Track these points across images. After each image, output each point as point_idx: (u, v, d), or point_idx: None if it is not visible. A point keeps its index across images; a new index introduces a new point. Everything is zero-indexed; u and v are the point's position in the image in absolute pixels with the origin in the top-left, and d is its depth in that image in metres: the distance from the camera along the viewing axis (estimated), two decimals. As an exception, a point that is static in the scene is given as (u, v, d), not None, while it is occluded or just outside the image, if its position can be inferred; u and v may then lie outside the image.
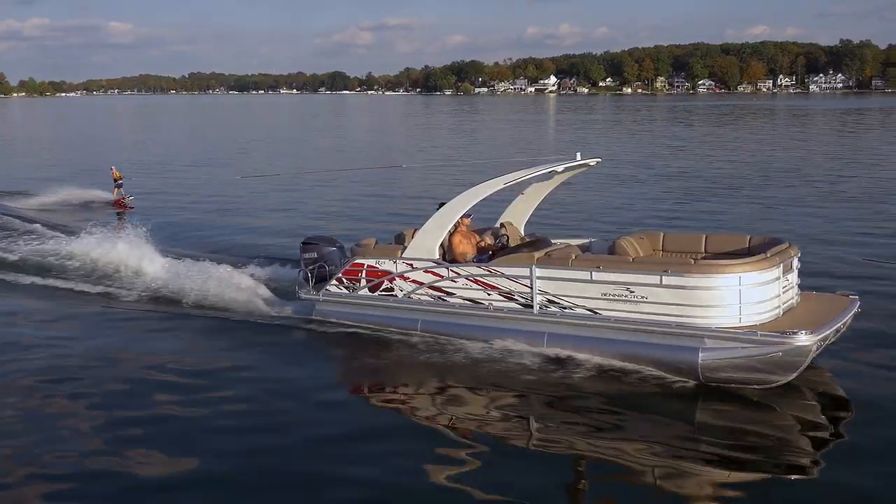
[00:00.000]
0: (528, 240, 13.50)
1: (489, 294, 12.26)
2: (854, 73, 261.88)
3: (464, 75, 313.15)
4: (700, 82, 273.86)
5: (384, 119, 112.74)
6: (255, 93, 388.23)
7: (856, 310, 11.44)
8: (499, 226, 14.03)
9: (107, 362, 12.40)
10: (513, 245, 13.17)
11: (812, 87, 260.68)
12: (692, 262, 11.21)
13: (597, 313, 11.45)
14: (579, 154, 13.47)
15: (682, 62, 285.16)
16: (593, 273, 11.44)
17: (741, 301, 10.69)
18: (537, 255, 12.00)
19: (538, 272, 11.82)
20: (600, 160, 14.01)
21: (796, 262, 11.48)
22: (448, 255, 12.94)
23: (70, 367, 12.20)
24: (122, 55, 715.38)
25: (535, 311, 11.90)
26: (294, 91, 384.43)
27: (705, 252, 12.29)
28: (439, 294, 12.66)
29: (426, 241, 12.80)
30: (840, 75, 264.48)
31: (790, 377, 10.55)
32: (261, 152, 55.49)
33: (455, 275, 12.49)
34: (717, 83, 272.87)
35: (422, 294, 12.79)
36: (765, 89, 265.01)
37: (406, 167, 36.31)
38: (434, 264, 12.68)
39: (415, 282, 12.83)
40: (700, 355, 10.74)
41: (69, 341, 13.45)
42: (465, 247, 12.94)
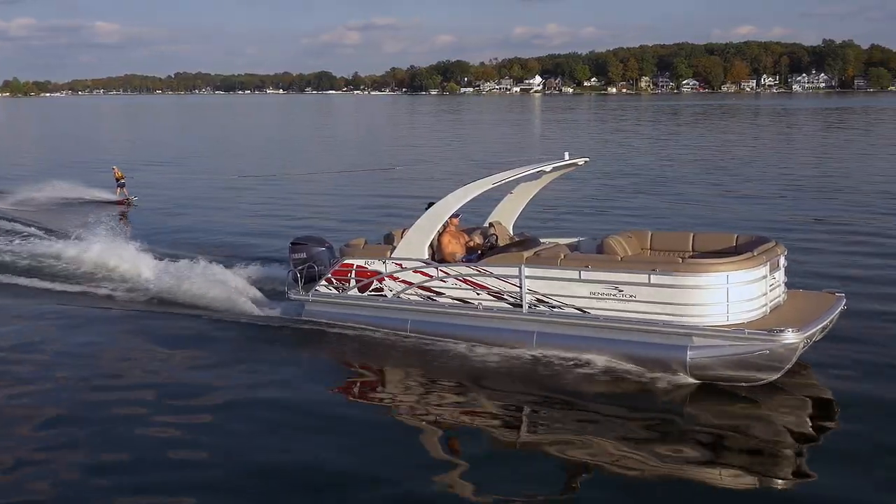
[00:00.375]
0: (517, 239, 13.54)
1: (479, 294, 12.30)
2: (836, 72, 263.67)
3: (449, 75, 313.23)
4: (684, 82, 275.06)
5: (363, 120, 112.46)
6: (241, 93, 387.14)
7: (842, 307, 11.56)
8: (487, 225, 14.08)
9: (93, 362, 12.39)
10: (502, 244, 13.21)
11: (795, 87, 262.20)
12: (680, 260, 11.30)
13: (586, 312, 11.51)
14: (567, 154, 13.54)
15: (666, 62, 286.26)
16: (582, 272, 11.50)
17: (729, 299, 10.77)
18: (526, 255, 12.05)
19: (527, 272, 11.87)
20: (588, 159, 14.08)
21: (783, 261, 11.58)
22: (437, 255, 12.96)
23: (55, 366, 12.19)
24: (107, 55, 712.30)
25: (525, 311, 11.94)
26: (280, 91, 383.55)
27: (693, 250, 12.37)
28: (429, 294, 12.69)
29: (415, 241, 12.82)
30: (823, 75, 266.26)
31: (777, 375, 10.65)
32: (252, 152, 55.29)
33: (444, 275, 12.52)
34: (701, 83, 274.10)
35: (411, 294, 12.82)
36: (748, 89, 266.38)
37: (399, 169, 36.48)
38: (423, 264, 12.71)
39: (404, 282, 12.85)
40: (688, 353, 10.82)
41: (56, 341, 13.45)
42: (454, 247, 12.98)
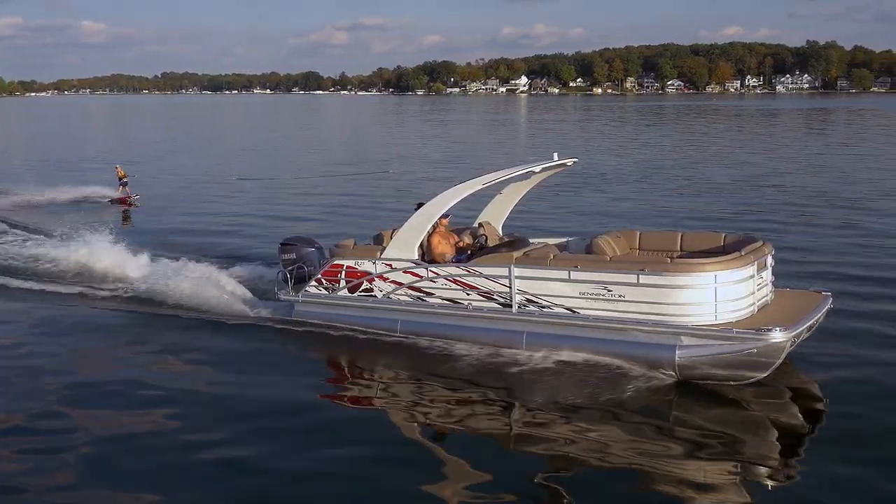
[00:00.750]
0: (507, 239, 13.59)
1: (468, 294, 12.33)
2: (820, 73, 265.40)
3: (436, 75, 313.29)
4: (669, 83, 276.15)
5: (348, 121, 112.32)
6: (228, 93, 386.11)
7: (829, 306, 11.66)
8: (477, 226, 14.12)
9: (79, 363, 12.38)
10: (491, 245, 13.25)
11: (779, 88, 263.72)
12: (668, 260, 11.37)
13: (575, 312, 11.57)
14: (556, 154, 13.61)
15: (651, 63, 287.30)
16: (571, 272, 11.55)
17: (717, 299, 10.85)
18: (516, 255, 12.09)
19: (517, 272, 11.91)
20: (577, 160, 14.15)
21: (770, 260, 11.67)
22: (427, 256, 12.99)
23: (40, 366, 12.17)
24: (94, 55, 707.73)
25: (514, 311, 11.99)
26: (268, 91, 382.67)
27: (681, 250, 12.45)
28: (419, 294, 12.72)
29: (405, 242, 12.84)
30: (806, 76, 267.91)
31: (765, 373, 10.73)
32: (243, 154, 55.08)
33: (434, 275, 12.55)
34: (686, 84, 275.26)
35: (401, 294, 12.84)
36: (733, 90, 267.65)
37: (393, 172, 36.66)
38: (413, 265, 12.73)
39: (394, 282, 12.87)
40: (677, 353, 10.90)
41: (41, 342, 13.44)
42: (443, 247, 13.01)
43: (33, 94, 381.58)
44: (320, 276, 13.49)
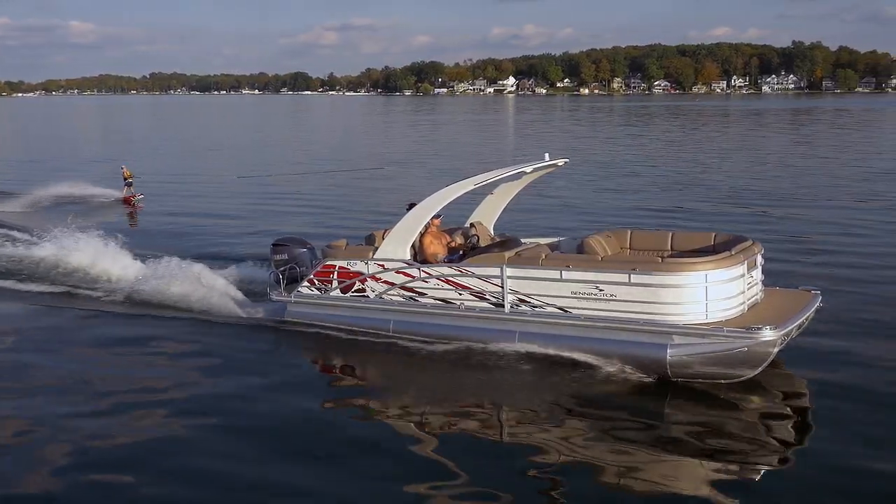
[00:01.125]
0: (499, 239, 13.64)
1: (461, 294, 12.37)
2: (805, 74, 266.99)
3: (424, 76, 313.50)
4: (656, 83, 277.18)
5: (327, 122, 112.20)
6: (216, 93, 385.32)
7: (818, 304, 11.77)
8: (468, 226, 14.17)
9: (68, 364, 12.31)
10: (483, 245, 13.31)
11: (764, 88, 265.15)
12: (660, 260, 11.43)
13: (567, 312, 11.63)
14: (547, 155, 13.67)
15: (638, 63, 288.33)
16: (563, 272, 11.61)
17: (707, 298, 10.92)
18: (508, 255, 12.14)
19: (509, 272, 11.96)
20: (568, 160, 14.22)
21: (760, 259, 11.76)
22: (419, 256, 13.03)
23: (29, 368, 12.14)
24: (82, 55, 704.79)
25: (507, 311, 12.04)
26: (256, 91, 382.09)
27: (671, 250, 12.53)
28: (411, 294, 12.75)
29: (397, 242, 12.87)
30: (792, 76, 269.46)
31: (756, 371, 10.82)
32: (235, 153, 55.05)
33: (426, 275, 12.59)
34: (673, 84, 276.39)
35: (394, 295, 12.88)
36: (719, 90, 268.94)
37: (388, 169, 36.75)
38: (405, 265, 12.77)
39: (386, 282, 12.90)
40: (668, 351, 10.95)
41: (30, 343, 13.38)
42: (435, 247, 13.05)
43: (20, 94, 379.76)
44: (312, 276, 13.51)
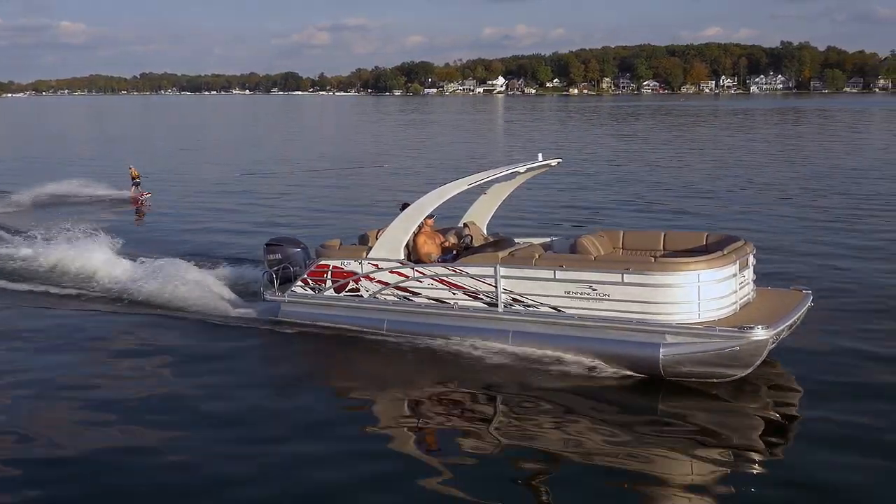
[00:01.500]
0: (492, 239, 13.69)
1: (454, 293, 12.42)
2: (793, 74, 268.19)
3: (414, 76, 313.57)
4: (645, 83, 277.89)
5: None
6: (207, 93, 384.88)
7: (809, 304, 11.86)
8: (462, 226, 14.20)
9: (60, 364, 12.32)
10: (477, 245, 13.35)
11: (753, 88, 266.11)
12: (652, 259, 11.50)
13: (560, 311, 11.69)
14: (541, 155, 13.72)
15: (628, 63, 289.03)
16: (557, 272, 11.67)
17: (700, 297, 11.00)
18: (501, 255, 12.19)
19: (502, 271, 12.00)
20: (561, 160, 14.28)
21: (752, 259, 11.84)
22: (413, 256, 13.06)
23: (21, 368, 12.14)
24: (72, 55, 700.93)
25: (500, 310, 12.09)
26: (247, 92, 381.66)
27: (664, 249, 12.61)
28: (405, 294, 12.79)
29: (391, 242, 12.91)
30: (780, 76, 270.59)
31: (748, 370, 10.90)
32: (229, 152, 55.03)
33: (420, 275, 12.62)
34: (662, 84, 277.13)
35: (387, 294, 12.91)
36: (707, 90, 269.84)
37: (387, 167, 36.92)
38: (399, 264, 12.80)
39: (380, 282, 12.93)
40: (661, 351, 11.01)
41: (21, 343, 13.35)
42: (429, 247, 13.09)
43: (10, 94, 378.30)
44: (306, 276, 13.53)
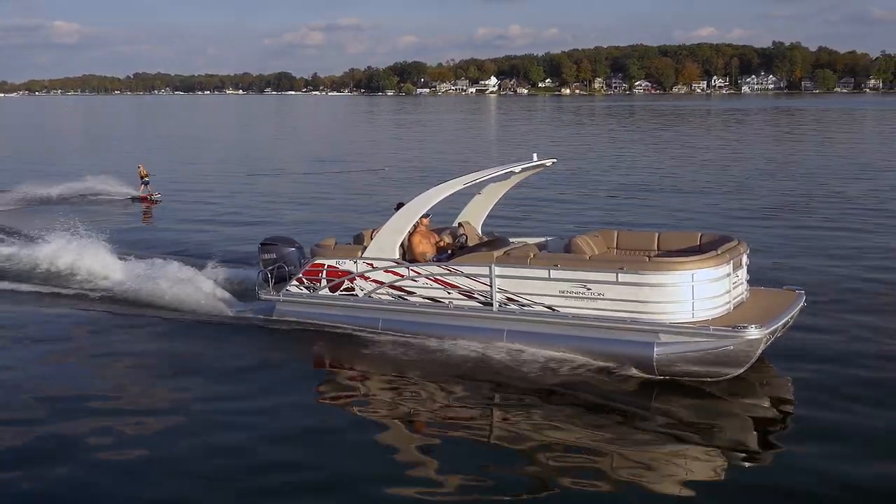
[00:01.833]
0: (487, 239, 13.73)
1: (449, 293, 12.44)
2: (784, 74, 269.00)
3: (406, 76, 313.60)
4: (637, 83, 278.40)
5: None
6: (200, 93, 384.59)
7: (802, 304, 11.92)
8: (457, 225, 14.24)
9: (56, 365, 12.32)
10: (472, 244, 13.39)
11: (744, 88, 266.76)
12: (647, 259, 11.56)
13: (555, 310, 11.73)
14: (535, 155, 13.76)
15: (620, 63, 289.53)
16: (551, 271, 11.71)
17: (694, 297, 11.05)
18: (496, 254, 12.22)
19: (497, 271, 12.04)
20: (555, 160, 14.32)
21: (745, 259, 11.90)
22: (408, 255, 13.08)
23: (15, 368, 12.13)
24: (65, 55, 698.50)
25: (495, 309, 12.12)
26: (240, 92, 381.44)
27: (658, 249, 12.65)
28: (400, 293, 12.81)
29: (386, 241, 12.92)
30: (772, 76, 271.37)
31: (741, 369, 10.97)
32: (225, 151, 54.98)
33: (415, 274, 12.64)
34: (653, 84, 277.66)
35: (382, 293, 12.92)
36: (699, 90, 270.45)
37: (387, 169, 37.09)
38: (394, 264, 12.82)
39: (375, 281, 12.94)
40: (655, 350, 11.07)
41: (17, 343, 13.36)
42: (424, 246, 13.11)
43: (2, 94, 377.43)
44: (301, 275, 13.54)
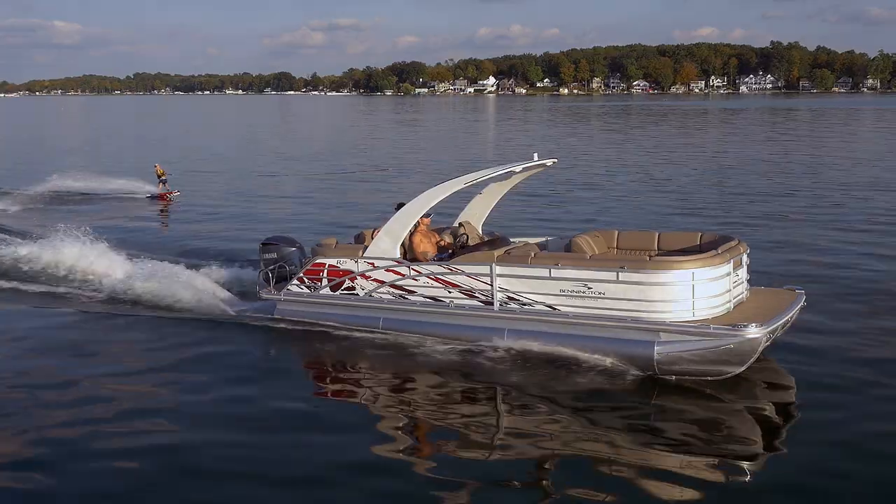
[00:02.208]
0: (488, 239, 13.76)
1: (450, 292, 12.47)
2: (782, 74, 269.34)
3: (405, 76, 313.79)
4: (635, 83, 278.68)
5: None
6: (200, 93, 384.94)
7: (802, 303, 11.95)
8: (457, 225, 14.27)
9: (56, 364, 12.32)
10: (472, 244, 13.42)
11: (742, 88, 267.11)
12: (647, 258, 11.60)
13: (555, 309, 11.76)
14: (536, 154, 13.78)
15: (618, 63, 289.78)
16: (552, 270, 11.73)
17: (694, 296, 11.08)
18: (497, 253, 12.25)
19: (498, 269, 12.06)
20: (556, 160, 14.34)
21: (745, 259, 11.93)
22: (409, 254, 13.10)
23: (14, 367, 12.15)
24: (66, 55, 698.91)
25: (496, 308, 12.15)
26: (240, 92, 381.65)
27: (658, 249, 12.68)
28: (401, 292, 12.84)
29: (387, 241, 12.94)
30: (770, 76, 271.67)
31: (741, 368, 10.98)
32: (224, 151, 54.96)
33: (416, 273, 12.67)
34: (651, 84, 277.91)
35: (383, 293, 12.95)
36: (697, 90, 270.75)
37: (390, 169, 37.39)
38: (395, 263, 12.84)
39: (376, 280, 12.97)
40: (655, 349, 11.09)
41: (19, 341, 13.37)
42: (425, 246, 13.14)
43: (3, 94, 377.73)
44: (302, 274, 13.56)
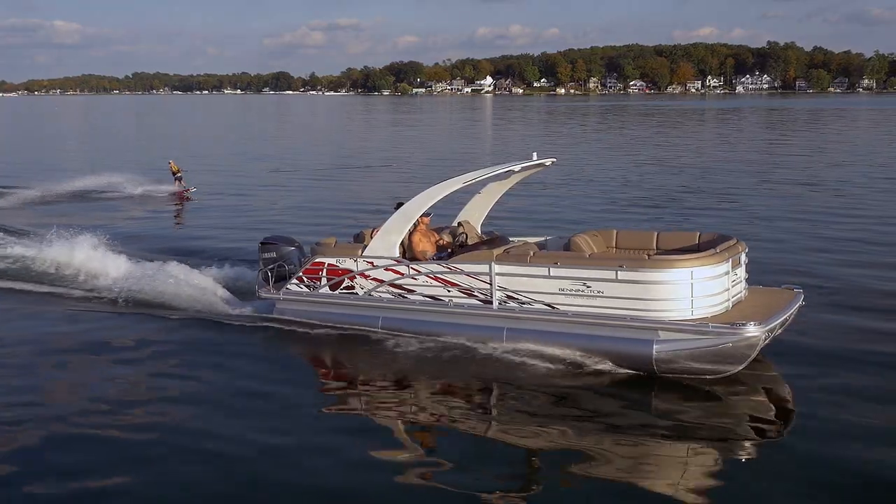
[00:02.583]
0: (487, 238, 13.78)
1: (449, 291, 12.50)
2: (779, 74, 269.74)
3: (403, 76, 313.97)
4: (631, 83, 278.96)
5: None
6: (198, 93, 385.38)
7: (800, 303, 11.99)
8: (456, 224, 14.29)
9: (57, 363, 12.34)
10: (471, 243, 13.44)
11: (739, 88, 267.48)
12: (646, 257, 11.64)
13: (554, 308, 11.79)
14: (535, 154, 13.80)
15: (615, 63, 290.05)
16: (551, 269, 11.76)
17: (693, 295, 11.11)
18: (496, 252, 12.27)
19: (497, 269, 12.09)
20: (555, 160, 14.36)
21: (744, 258, 11.97)
22: (408, 254, 13.12)
23: (16, 367, 12.17)
24: (64, 55, 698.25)
25: (495, 307, 12.18)
26: (238, 91, 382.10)
27: (657, 249, 12.72)
28: (400, 292, 12.86)
29: (387, 240, 12.96)
30: (766, 76, 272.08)
31: (739, 367, 11.03)
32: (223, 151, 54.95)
33: (416, 272, 12.69)
34: (648, 84, 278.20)
35: (382, 292, 12.97)
36: (694, 90, 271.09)
37: (393, 165, 37.63)
38: (394, 262, 12.86)
39: (375, 280, 12.99)
40: (654, 347, 11.13)
41: (19, 341, 13.36)
42: (425, 245, 13.16)
43: (1, 94, 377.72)
44: (301, 274, 13.58)
